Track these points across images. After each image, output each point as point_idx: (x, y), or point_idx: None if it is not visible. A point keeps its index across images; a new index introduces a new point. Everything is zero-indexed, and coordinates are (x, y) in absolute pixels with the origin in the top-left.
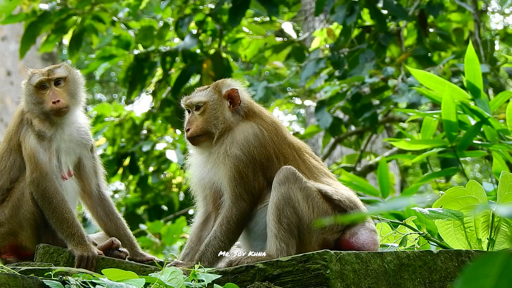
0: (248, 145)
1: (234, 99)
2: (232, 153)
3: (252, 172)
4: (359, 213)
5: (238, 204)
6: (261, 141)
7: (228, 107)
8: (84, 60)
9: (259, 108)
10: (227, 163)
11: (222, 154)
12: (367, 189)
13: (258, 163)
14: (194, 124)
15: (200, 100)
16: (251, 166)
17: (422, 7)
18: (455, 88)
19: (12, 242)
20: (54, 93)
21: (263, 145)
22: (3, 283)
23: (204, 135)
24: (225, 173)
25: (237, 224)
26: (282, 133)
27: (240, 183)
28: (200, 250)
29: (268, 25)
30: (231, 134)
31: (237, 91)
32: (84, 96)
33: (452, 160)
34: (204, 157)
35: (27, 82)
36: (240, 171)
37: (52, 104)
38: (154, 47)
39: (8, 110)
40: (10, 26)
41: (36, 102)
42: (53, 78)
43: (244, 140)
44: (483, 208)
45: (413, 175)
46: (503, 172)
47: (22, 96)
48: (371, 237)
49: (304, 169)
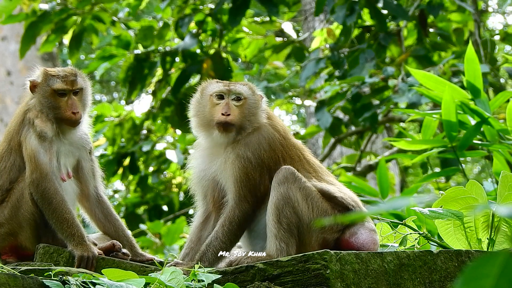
0: (259, 148)
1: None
2: (242, 154)
3: (259, 175)
4: (359, 213)
5: (242, 205)
6: (271, 145)
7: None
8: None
9: (273, 114)
10: (236, 164)
11: (234, 153)
12: (367, 190)
13: (266, 166)
14: (236, 112)
15: (242, 92)
16: (258, 169)
17: (422, 7)
18: (455, 88)
19: (12, 242)
20: (74, 104)
21: (273, 148)
22: (3, 283)
23: (236, 126)
24: (231, 173)
25: (239, 225)
26: (289, 136)
27: (246, 185)
28: (201, 250)
29: (268, 25)
30: (249, 135)
31: (262, 97)
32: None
33: (452, 160)
34: (213, 149)
35: (45, 82)
36: (248, 173)
37: (71, 114)
38: (154, 47)
39: (8, 110)
40: (10, 26)
41: (51, 106)
42: (75, 88)
43: (256, 143)
44: (483, 208)
45: (413, 175)
46: (503, 172)
47: (36, 95)
48: (371, 237)
49: (310, 169)
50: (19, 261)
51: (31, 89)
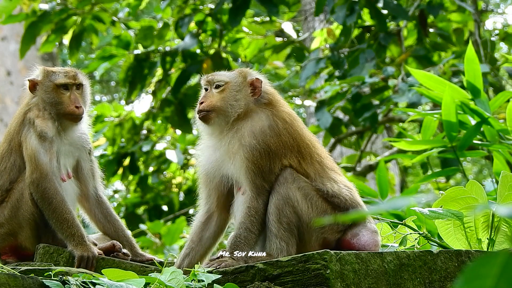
0: (263, 134)
1: (256, 89)
2: (247, 142)
3: (269, 161)
4: (359, 213)
5: (261, 194)
6: (276, 131)
7: (249, 94)
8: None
9: (279, 100)
10: (242, 153)
11: (236, 143)
12: (366, 191)
13: (274, 152)
14: (209, 99)
15: (222, 79)
16: (266, 156)
17: (422, 7)
18: (455, 88)
19: (12, 243)
20: (77, 98)
21: (278, 134)
22: (3, 283)
23: (215, 112)
24: (240, 164)
25: (264, 213)
26: (298, 125)
27: (258, 174)
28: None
29: (268, 25)
30: (246, 122)
31: (261, 81)
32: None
33: (452, 160)
34: (214, 141)
35: (46, 78)
36: (255, 161)
37: (74, 108)
38: (154, 47)
39: (8, 110)
40: (10, 26)
41: (54, 102)
42: (77, 82)
43: (259, 130)
44: (483, 208)
45: (413, 175)
46: (503, 172)
47: (37, 93)
48: (373, 238)
49: (316, 159)
50: (19, 261)
51: (31, 89)
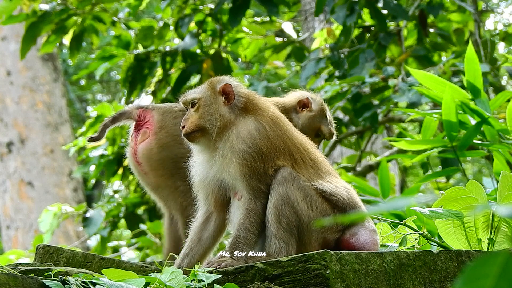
0: (252, 138)
1: (228, 95)
2: (237, 148)
3: (262, 163)
4: (359, 213)
5: (259, 196)
6: (264, 134)
7: (223, 102)
8: (84, 60)
9: (260, 102)
10: (234, 160)
11: (227, 151)
12: (367, 190)
13: (265, 154)
14: (189, 121)
15: (194, 97)
16: (259, 159)
17: (422, 7)
18: (455, 88)
19: None
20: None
21: (267, 137)
22: (3, 283)
23: (198, 131)
24: (234, 170)
25: (263, 214)
26: (285, 127)
27: (253, 177)
28: (231, 244)
29: (268, 25)
30: (233, 130)
31: (231, 86)
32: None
33: (453, 160)
34: (206, 155)
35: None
36: (249, 165)
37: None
38: (154, 47)
39: (8, 110)
40: (10, 26)
41: None
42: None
43: (247, 135)
44: (483, 208)
45: (413, 175)
46: (503, 172)
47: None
48: (371, 237)
49: (309, 164)
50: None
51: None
